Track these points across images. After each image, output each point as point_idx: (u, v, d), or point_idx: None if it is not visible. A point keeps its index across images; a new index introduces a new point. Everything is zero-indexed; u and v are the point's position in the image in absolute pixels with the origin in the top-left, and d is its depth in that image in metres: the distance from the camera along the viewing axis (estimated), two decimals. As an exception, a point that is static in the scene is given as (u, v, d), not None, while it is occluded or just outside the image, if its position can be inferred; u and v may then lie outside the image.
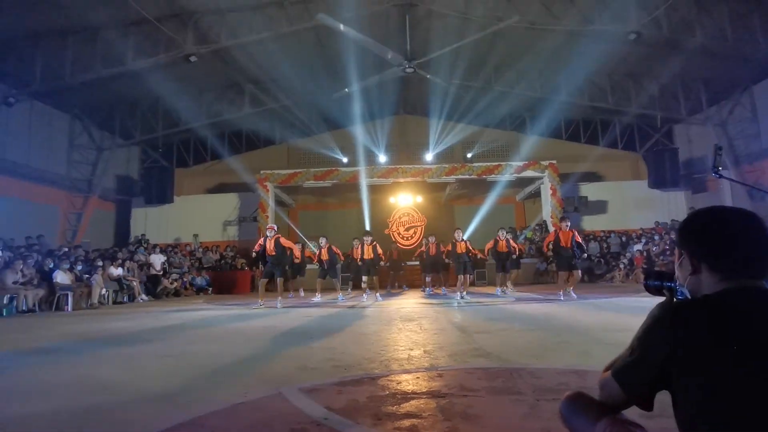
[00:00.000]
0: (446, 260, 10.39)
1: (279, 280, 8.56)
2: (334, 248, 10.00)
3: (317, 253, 10.17)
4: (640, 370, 0.98)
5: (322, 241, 10.00)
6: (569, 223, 8.59)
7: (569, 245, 8.07)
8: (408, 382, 2.64)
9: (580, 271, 8.54)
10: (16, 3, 8.78)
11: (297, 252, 10.53)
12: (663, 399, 1.03)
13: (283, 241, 8.67)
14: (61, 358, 3.80)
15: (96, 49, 10.22)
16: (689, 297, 1.06)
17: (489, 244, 10.08)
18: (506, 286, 9.92)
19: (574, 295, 7.92)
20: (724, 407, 0.84)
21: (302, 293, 11.16)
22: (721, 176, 2.50)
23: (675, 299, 1.12)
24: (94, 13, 9.40)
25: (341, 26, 9.02)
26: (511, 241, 10.11)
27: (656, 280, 1.17)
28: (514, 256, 10.02)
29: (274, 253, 8.39)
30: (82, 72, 10.48)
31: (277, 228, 15.39)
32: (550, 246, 8.45)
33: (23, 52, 10.05)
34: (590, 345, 3.63)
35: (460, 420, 1.96)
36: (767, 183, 11.65)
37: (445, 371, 2.88)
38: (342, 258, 10.53)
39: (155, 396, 2.53)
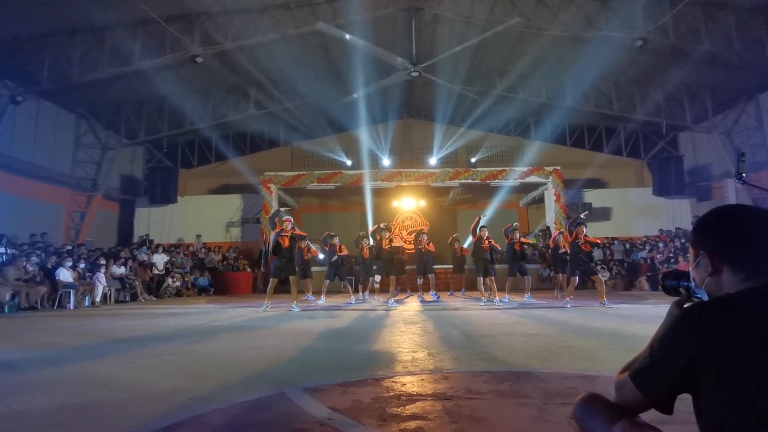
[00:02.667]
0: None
1: (293, 279, 7.68)
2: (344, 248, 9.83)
3: (337, 246, 9.74)
4: (661, 372, 0.94)
5: (336, 239, 9.79)
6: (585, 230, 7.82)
7: (588, 249, 7.55)
8: (413, 384, 2.60)
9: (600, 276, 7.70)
10: (25, 2, 8.85)
11: (312, 249, 9.88)
12: (677, 405, 1.00)
13: (297, 231, 7.91)
14: (61, 355, 3.78)
15: (103, 48, 10.29)
16: (706, 299, 1.03)
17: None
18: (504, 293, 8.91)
19: (610, 303, 7.36)
20: (754, 413, 0.80)
21: (311, 297, 10.18)
22: (744, 182, 2.46)
23: (692, 298, 1.10)
24: (101, 13, 9.45)
25: (346, 36, 9.01)
26: (524, 240, 9.29)
27: (674, 280, 1.15)
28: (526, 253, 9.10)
29: (288, 246, 7.53)
30: (88, 71, 10.54)
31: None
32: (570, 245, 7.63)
33: (31, 51, 10.11)
34: (597, 350, 3.58)
35: (468, 422, 1.92)
36: (773, 192, 11.56)
37: (450, 374, 2.84)
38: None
39: (156, 394, 2.50)
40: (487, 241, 8.79)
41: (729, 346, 0.84)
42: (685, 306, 1.03)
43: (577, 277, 7.81)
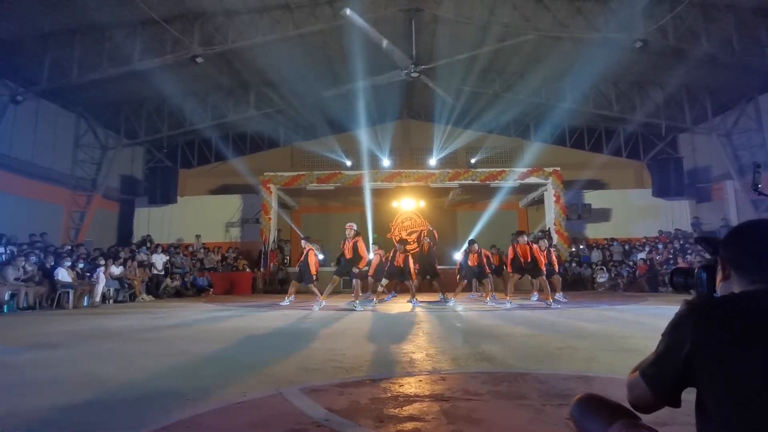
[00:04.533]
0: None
1: (357, 282, 8.29)
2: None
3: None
4: (665, 365, 0.96)
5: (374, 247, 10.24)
6: (526, 238, 8.51)
7: (528, 259, 8.19)
8: (410, 385, 2.59)
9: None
10: (26, 2, 8.84)
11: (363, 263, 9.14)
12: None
13: (361, 245, 8.13)
14: (59, 355, 3.77)
15: (103, 48, 10.29)
16: None
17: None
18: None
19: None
20: (752, 411, 0.81)
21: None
22: (761, 194, 2.47)
23: (700, 296, 1.12)
24: (102, 13, 9.46)
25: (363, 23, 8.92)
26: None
27: (680, 277, 1.19)
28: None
29: (351, 257, 7.99)
30: (89, 71, 10.54)
31: (280, 231, 15.55)
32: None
33: (32, 51, 10.11)
34: (595, 351, 3.58)
35: (465, 423, 1.92)
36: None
37: (448, 375, 2.84)
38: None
39: (153, 393, 2.49)
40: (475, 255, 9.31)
41: (729, 340, 0.86)
42: (687, 301, 1.06)
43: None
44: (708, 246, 1.09)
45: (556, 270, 9.10)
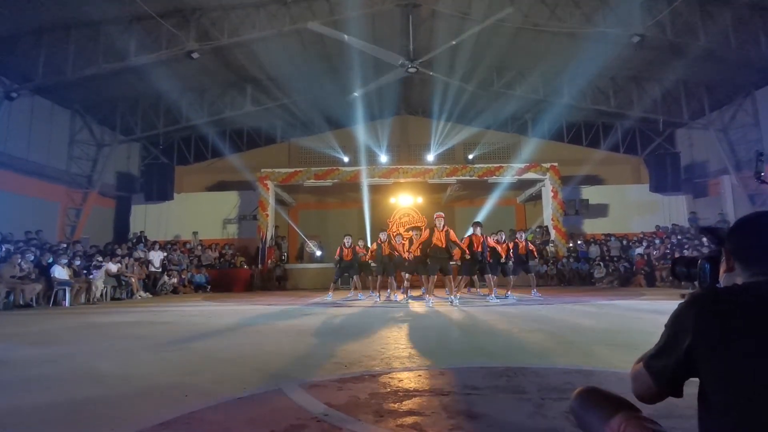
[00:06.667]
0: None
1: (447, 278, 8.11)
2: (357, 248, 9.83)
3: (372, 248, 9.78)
4: (667, 356, 0.97)
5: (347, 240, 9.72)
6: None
7: (444, 245, 7.91)
8: (410, 380, 2.59)
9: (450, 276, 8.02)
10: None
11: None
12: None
13: (452, 235, 7.91)
14: (57, 352, 3.75)
15: (98, 44, 10.21)
16: None
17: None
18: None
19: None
20: (743, 398, 0.83)
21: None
22: (763, 181, 2.46)
23: (703, 288, 1.12)
24: (96, 9, 9.38)
25: (345, 36, 9.01)
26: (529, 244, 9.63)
27: (683, 267, 1.19)
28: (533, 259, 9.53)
29: (444, 245, 7.80)
30: (83, 67, 10.46)
31: (277, 227, 15.53)
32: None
33: (26, 47, 10.03)
34: (594, 346, 3.59)
35: (464, 418, 1.92)
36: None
37: (448, 369, 2.83)
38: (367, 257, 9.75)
39: (152, 390, 2.48)
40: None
41: (730, 331, 0.87)
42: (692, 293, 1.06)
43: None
44: (713, 237, 1.09)
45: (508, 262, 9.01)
